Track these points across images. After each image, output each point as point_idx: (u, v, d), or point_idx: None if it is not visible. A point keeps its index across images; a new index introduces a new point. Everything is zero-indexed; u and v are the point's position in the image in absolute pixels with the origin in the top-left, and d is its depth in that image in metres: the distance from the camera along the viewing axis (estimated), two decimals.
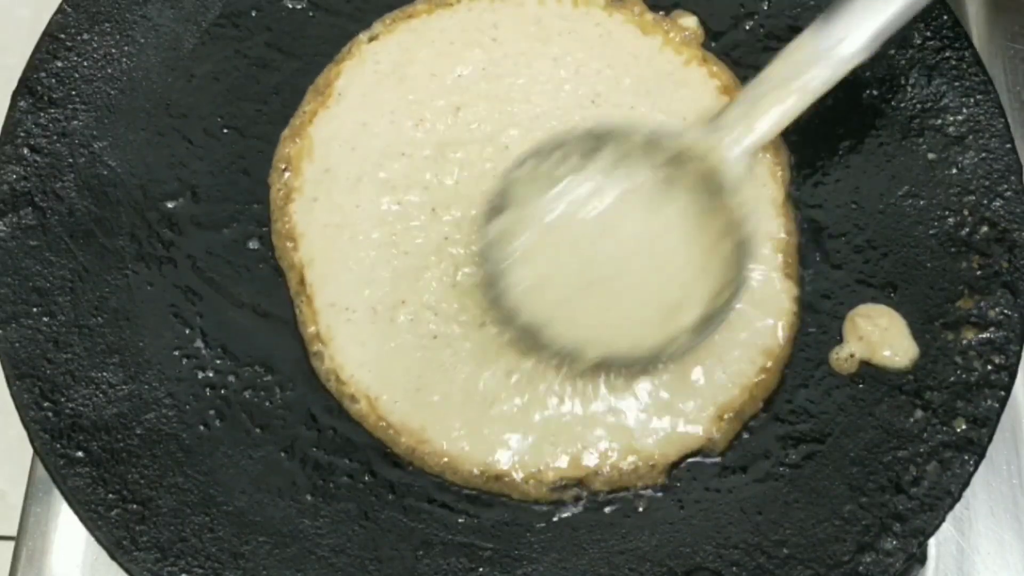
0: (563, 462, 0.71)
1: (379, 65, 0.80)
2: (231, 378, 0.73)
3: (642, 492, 0.71)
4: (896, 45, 0.80)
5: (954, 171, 0.76)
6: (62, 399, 0.70)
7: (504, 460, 0.71)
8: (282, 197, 0.77)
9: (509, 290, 0.72)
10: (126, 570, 0.66)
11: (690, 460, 0.71)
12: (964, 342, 0.72)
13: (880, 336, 0.73)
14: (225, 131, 0.79)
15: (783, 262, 0.76)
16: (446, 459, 0.71)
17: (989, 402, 0.69)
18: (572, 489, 0.70)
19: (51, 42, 0.78)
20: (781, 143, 0.78)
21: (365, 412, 0.72)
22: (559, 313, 0.72)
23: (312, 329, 0.74)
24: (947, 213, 0.76)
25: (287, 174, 0.78)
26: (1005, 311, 0.72)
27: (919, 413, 0.71)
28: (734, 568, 0.68)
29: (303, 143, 0.78)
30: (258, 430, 0.72)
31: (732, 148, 0.73)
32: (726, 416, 0.72)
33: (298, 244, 0.76)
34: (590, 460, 0.71)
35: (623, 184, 0.74)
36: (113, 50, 0.80)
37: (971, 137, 0.76)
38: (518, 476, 0.71)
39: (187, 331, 0.74)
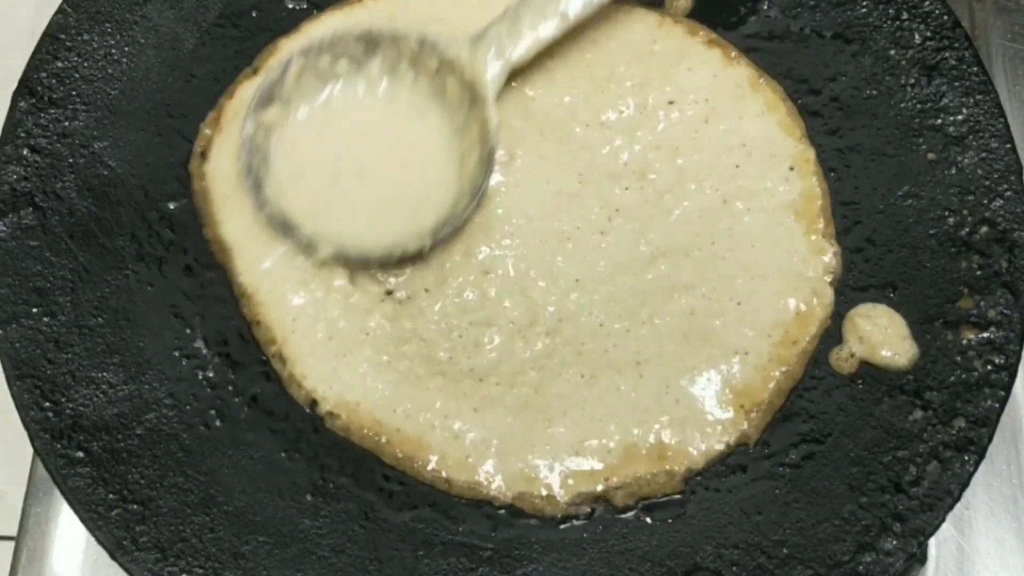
0: (585, 482, 0.70)
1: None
2: (232, 378, 0.73)
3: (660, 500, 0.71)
4: (896, 45, 0.80)
5: (954, 171, 0.76)
6: (62, 399, 0.70)
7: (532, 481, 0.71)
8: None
9: (266, 180, 0.75)
10: (126, 570, 0.66)
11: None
12: (964, 342, 0.72)
13: (880, 336, 0.73)
14: None
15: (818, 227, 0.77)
16: (468, 492, 0.71)
17: (989, 402, 0.69)
18: (593, 504, 0.70)
19: (51, 42, 0.78)
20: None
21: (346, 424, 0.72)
22: (309, 205, 0.75)
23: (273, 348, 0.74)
24: (947, 213, 0.76)
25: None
26: (1005, 311, 0.72)
27: (919, 413, 0.71)
28: (734, 568, 0.68)
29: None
30: (258, 430, 0.72)
31: (491, 63, 0.77)
32: (754, 412, 0.72)
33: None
34: (616, 475, 0.71)
35: (389, 88, 0.78)
36: (113, 50, 0.80)
37: (971, 137, 0.76)
38: (538, 494, 0.70)
39: (187, 331, 0.74)
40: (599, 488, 0.70)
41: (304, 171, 0.76)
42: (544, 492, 0.70)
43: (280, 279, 0.75)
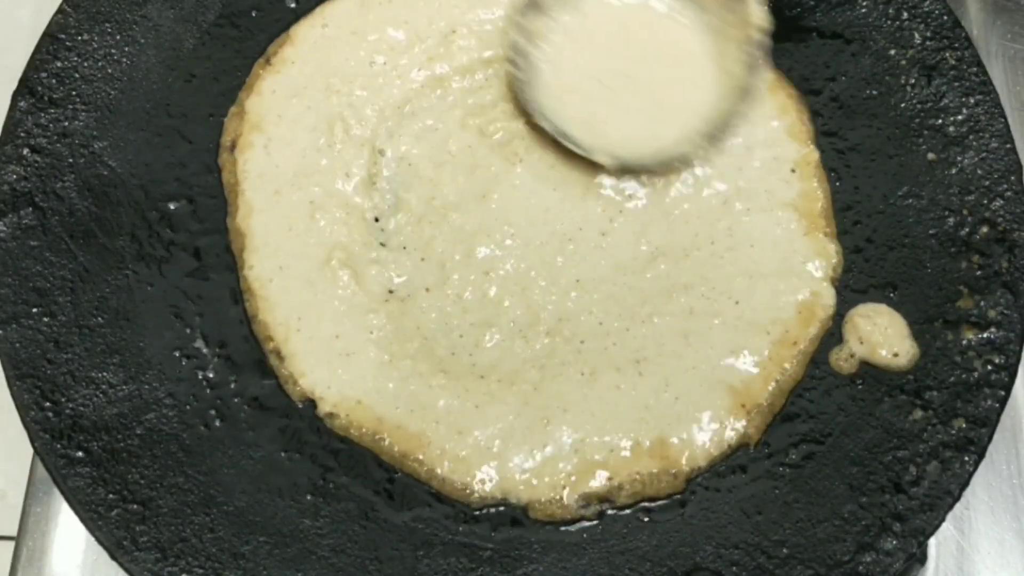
0: (587, 481, 0.71)
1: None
2: (231, 378, 0.73)
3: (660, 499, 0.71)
4: (896, 45, 0.80)
5: (954, 171, 0.76)
6: (62, 399, 0.70)
7: (536, 485, 0.71)
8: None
9: (536, 88, 0.77)
10: (126, 570, 0.66)
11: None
12: (964, 342, 0.72)
13: (880, 336, 0.73)
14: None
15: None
16: (468, 492, 0.71)
17: (989, 402, 0.69)
18: (594, 505, 0.70)
19: (51, 42, 0.78)
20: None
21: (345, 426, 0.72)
22: (582, 115, 0.77)
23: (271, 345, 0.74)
24: (947, 213, 0.76)
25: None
26: (1005, 311, 0.72)
27: (919, 413, 0.71)
28: (734, 568, 0.68)
29: None
30: (258, 430, 0.72)
31: None
32: (755, 412, 0.72)
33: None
34: (620, 476, 0.71)
35: None
36: (113, 50, 0.80)
37: (971, 137, 0.76)
38: (543, 498, 0.70)
39: (187, 331, 0.74)
40: (601, 487, 0.70)
41: (572, 81, 0.78)
42: (547, 493, 0.70)
43: (289, 277, 0.75)
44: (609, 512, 0.70)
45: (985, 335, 0.72)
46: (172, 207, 0.77)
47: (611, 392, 0.72)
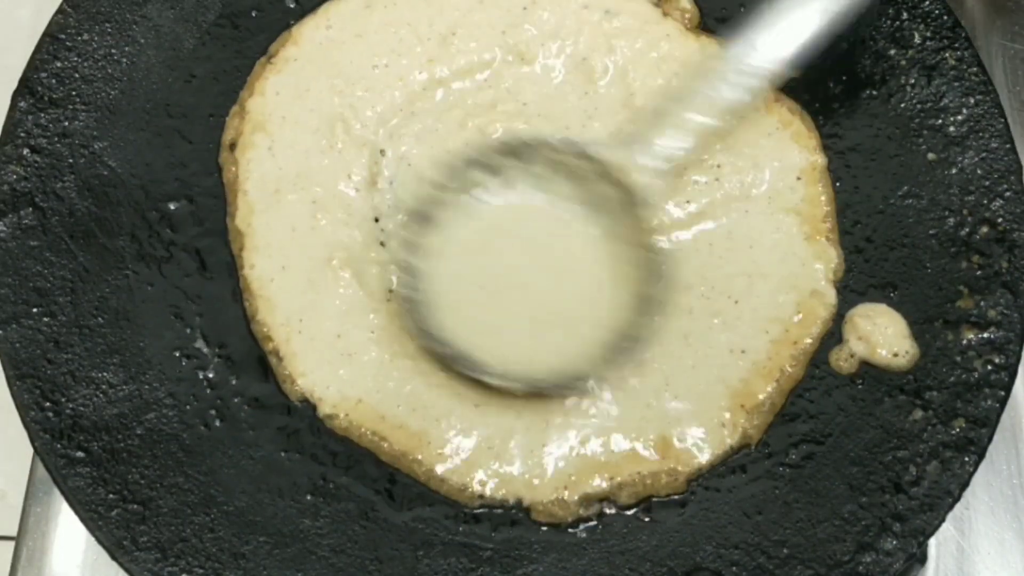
0: (589, 480, 0.70)
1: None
2: (231, 378, 0.73)
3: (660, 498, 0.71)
4: (896, 45, 0.80)
5: (954, 171, 0.76)
6: (63, 399, 0.70)
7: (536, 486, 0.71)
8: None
9: (427, 307, 0.72)
10: (126, 570, 0.66)
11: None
12: (964, 342, 0.72)
13: (880, 336, 0.73)
14: None
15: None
16: (468, 492, 0.71)
17: (989, 402, 0.69)
18: (596, 504, 0.70)
19: (51, 42, 0.78)
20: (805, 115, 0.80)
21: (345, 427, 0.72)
22: (473, 333, 0.72)
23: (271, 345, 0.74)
24: (947, 213, 0.76)
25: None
26: (1005, 311, 0.72)
27: (919, 413, 0.71)
28: (734, 568, 0.68)
29: None
30: (258, 430, 0.72)
31: (651, 165, 0.73)
32: (755, 412, 0.72)
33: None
34: (621, 475, 0.71)
35: (538, 199, 0.75)
36: (113, 50, 0.80)
37: (971, 137, 0.76)
38: (543, 498, 0.70)
39: (187, 331, 0.74)
40: (602, 488, 0.70)
41: (463, 298, 0.73)
42: (548, 493, 0.70)
43: (290, 277, 0.75)
44: (609, 512, 0.70)
45: (985, 335, 0.72)
46: (172, 207, 0.77)
47: (613, 394, 0.72)
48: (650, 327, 0.72)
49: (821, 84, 0.81)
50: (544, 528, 0.70)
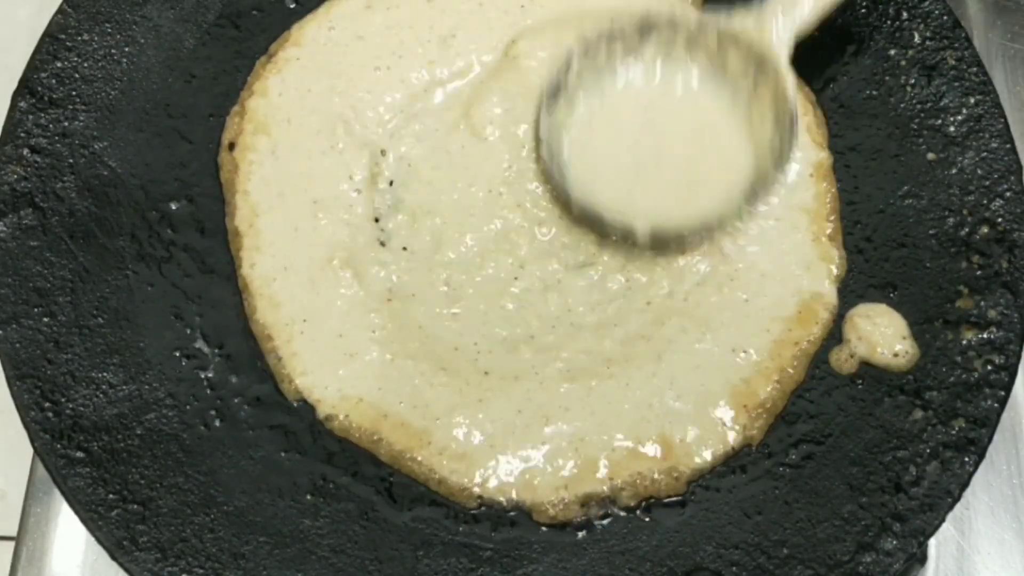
0: (590, 481, 0.70)
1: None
2: (231, 378, 0.73)
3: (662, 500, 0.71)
4: (896, 45, 0.80)
5: (954, 171, 0.76)
6: (63, 399, 0.70)
7: (537, 485, 0.71)
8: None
9: (567, 177, 0.75)
10: (126, 570, 0.66)
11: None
12: (964, 342, 0.72)
13: (880, 336, 0.73)
14: None
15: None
16: (468, 492, 0.71)
17: (989, 402, 0.69)
18: (596, 506, 0.70)
19: (51, 42, 0.78)
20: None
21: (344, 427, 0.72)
22: (615, 195, 0.75)
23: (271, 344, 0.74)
24: (947, 213, 0.76)
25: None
26: (1005, 311, 0.72)
27: (919, 413, 0.71)
28: (734, 568, 0.68)
29: None
30: (258, 430, 0.72)
31: (780, 28, 0.76)
32: (756, 412, 0.72)
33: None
34: (622, 476, 0.71)
35: (666, 71, 0.78)
36: (113, 50, 0.80)
37: (971, 137, 0.76)
38: (544, 499, 0.70)
39: (187, 331, 0.74)
40: (603, 488, 0.70)
41: (603, 166, 0.76)
42: (548, 493, 0.70)
43: (292, 277, 0.75)
44: (609, 512, 0.70)
45: (985, 335, 0.72)
46: (172, 207, 0.77)
47: (613, 391, 0.72)
48: (779, 176, 0.75)
49: (821, 84, 0.81)
50: (544, 528, 0.70)
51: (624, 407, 0.72)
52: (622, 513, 0.70)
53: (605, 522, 0.70)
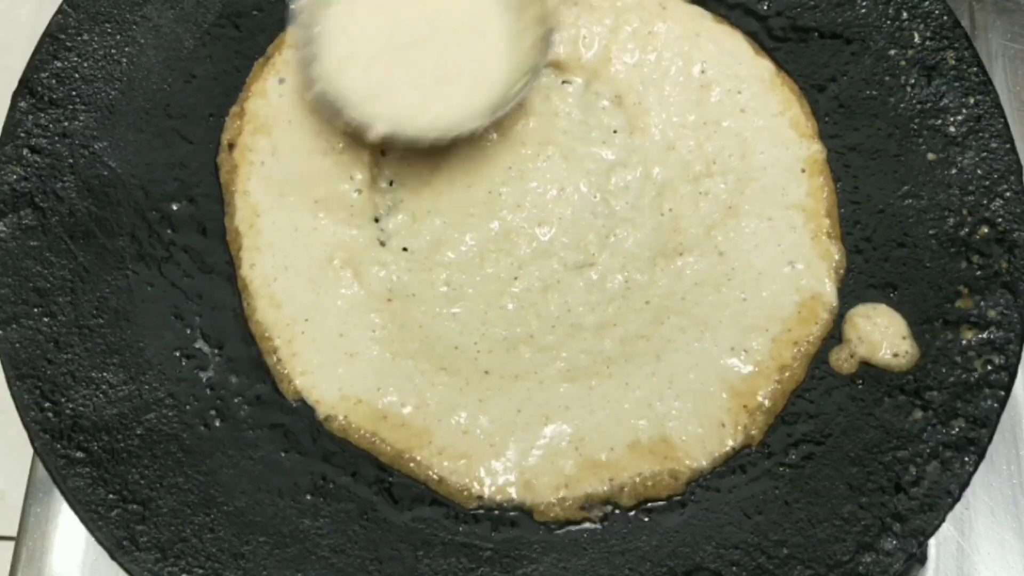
0: (591, 481, 0.70)
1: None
2: (231, 378, 0.73)
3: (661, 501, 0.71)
4: (896, 45, 0.80)
5: (954, 171, 0.76)
6: (63, 399, 0.70)
7: (539, 487, 0.71)
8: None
9: (316, 60, 0.74)
10: (126, 570, 0.66)
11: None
12: (964, 342, 0.72)
13: (880, 336, 0.73)
14: None
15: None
16: (467, 492, 0.71)
17: (989, 402, 0.69)
18: (596, 507, 0.70)
19: (51, 42, 0.78)
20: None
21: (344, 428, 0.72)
22: (360, 85, 0.74)
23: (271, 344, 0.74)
24: (947, 213, 0.76)
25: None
26: (1005, 311, 0.72)
27: (919, 413, 0.71)
28: (734, 568, 0.68)
29: None
30: (258, 430, 0.72)
31: None
32: (757, 412, 0.72)
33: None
34: (622, 477, 0.71)
35: None
36: (113, 50, 0.80)
37: (971, 137, 0.76)
38: (544, 499, 0.70)
39: (187, 331, 0.74)
40: (603, 489, 0.70)
41: (355, 50, 0.75)
42: (548, 494, 0.70)
43: (293, 277, 0.75)
44: (609, 512, 0.70)
45: (985, 335, 0.72)
46: (172, 207, 0.77)
47: (613, 391, 0.72)
48: (527, 92, 0.75)
49: (821, 84, 0.81)
50: (544, 528, 0.70)
51: (624, 407, 0.72)
52: (622, 513, 0.70)
53: (605, 522, 0.70)
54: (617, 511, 0.70)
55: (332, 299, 0.74)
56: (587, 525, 0.70)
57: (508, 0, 0.77)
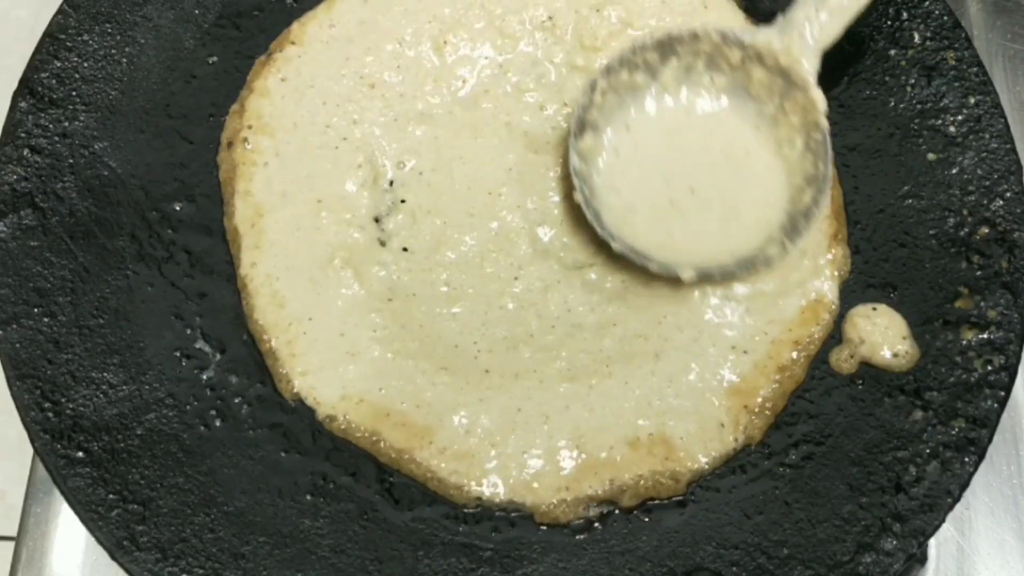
0: (591, 482, 0.70)
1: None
2: (231, 378, 0.73)
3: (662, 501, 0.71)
4: (896, 45, 0.80)
5: (954, 171, 0.76)
6: (63, 400, 0.70)
7: (539, 488, 0.71)
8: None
9: (602, 211, 0.74)
10: (126, 570, 0.66)
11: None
12: (964, 342, 0.72)
13: (880, 336, 0.73)
14: None
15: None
16: (467, 493, 0.71)
17: (989, 402, 0.69)
18: (596, 507, 0.70)
19: (51, 43, 0.78)
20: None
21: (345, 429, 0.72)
22: (654, 233, 0.73)
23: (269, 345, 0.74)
24: (947, 213, 0.76)
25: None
26: (1005, 311, 0.72)
27: (919, 413, 0.71)
28: (734, 568, 0.68)
29: None
30: (258, 430, 0.72)
31: (806, 45, 0.74)
32: (757, 413, 0.72)
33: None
34: (622, 478, 0.71)
35: (689, 91, 0.76)
36: (113, 50, 0.80)
37: (971, 137, 0.76)
38: (544, 500, 0.70)
39: (187, 331, 0.74)
40: (603, 489, 0.70)
41: (636, 200, 0.75)
42: (549, 494, 0.70)
43: (294, 277, 0.75)
44: (609, 512, 0.70)
45: (985, 335, 0.72)
46: (172, 207, 0.77)
47: (612, 391, 0.72)
48: (820, 204, 0.72)
49: (821, 85, 0.81)
50: (544, 528, 0.70)
51: (624, 406, 0.72)
52: (622, 513, 0.70)
53: (605, 522, 0.70)
54: (617, 511, 0.70)
55: (333, 299, 0.74)
56: (587, 525, 0.70)
57: (763, 113, 0.76)
